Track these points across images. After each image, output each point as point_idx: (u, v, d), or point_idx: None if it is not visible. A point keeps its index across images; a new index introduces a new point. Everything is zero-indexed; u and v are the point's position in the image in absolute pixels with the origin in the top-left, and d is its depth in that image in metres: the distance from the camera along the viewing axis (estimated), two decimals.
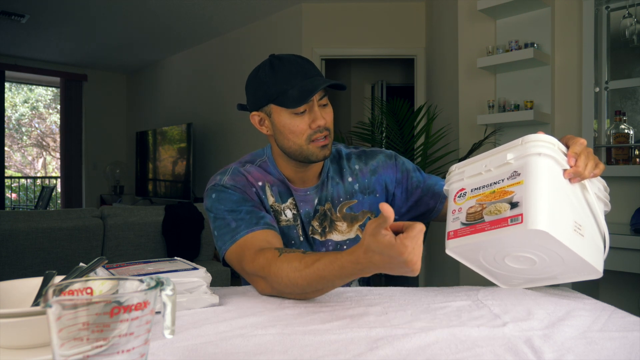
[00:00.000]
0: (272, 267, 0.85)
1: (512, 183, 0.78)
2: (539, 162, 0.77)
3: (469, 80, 3.08)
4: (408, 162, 1.21)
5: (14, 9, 4.33)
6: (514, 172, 0.78)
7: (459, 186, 0.88)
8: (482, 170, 0.84)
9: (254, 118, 1.09)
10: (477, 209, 0.82)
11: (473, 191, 0.85)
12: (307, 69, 1.02)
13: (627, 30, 2.47)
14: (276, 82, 1.01)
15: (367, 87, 5.24)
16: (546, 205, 0.73)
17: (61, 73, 6.44)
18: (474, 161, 0.88)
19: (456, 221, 0.85)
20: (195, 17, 4.59)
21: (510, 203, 0.76)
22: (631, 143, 2.43)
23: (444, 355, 0.58)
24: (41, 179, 8.86)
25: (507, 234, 0.75)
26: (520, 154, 0.79)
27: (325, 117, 1.04)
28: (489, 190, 0.82)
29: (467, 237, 0.81)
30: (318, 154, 1.05)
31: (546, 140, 0.78)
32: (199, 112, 5.59)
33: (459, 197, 0.87)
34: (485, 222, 0.79)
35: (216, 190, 1.05)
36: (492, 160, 0.83)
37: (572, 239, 0.75)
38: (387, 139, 3.27)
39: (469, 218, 0.83)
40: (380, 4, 3.99)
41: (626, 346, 0.62)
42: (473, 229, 0.81)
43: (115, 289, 0.48)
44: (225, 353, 0.59)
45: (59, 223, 2.41)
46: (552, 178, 0.77)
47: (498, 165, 0.81)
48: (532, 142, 0.78)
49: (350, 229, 1.14)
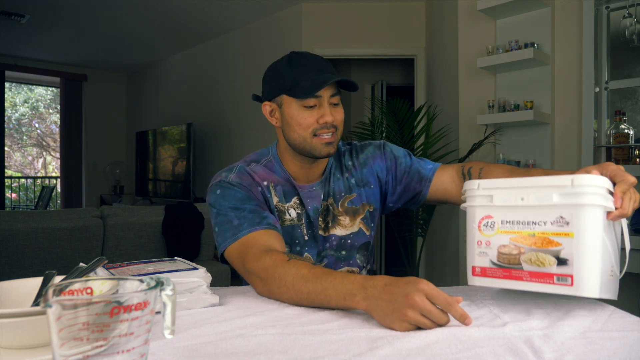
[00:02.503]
0: (278, 270, 0.84)
1: (559, 232, 0.70)
2: (593, 215, 0.69)
3: (469, 80, 3.08)
4: (397, 148, 1.21)
5: (14, 9, 4.33)
6: (560, 217, 0.70)
7: (485, 212, 0.78)
8: (517, 202, 0.74)
9: (265, 108, 1.11)
10: (513, 252, 0.74)
11: (504, 224, 0.76)
12: (322, 66, 1.04)
13: (627, 30, 2.47)
14: (290, 74, 1.04)
15: (367, 87, 5.24)
16: (599, 269, 0.68)
17: (61, 73, 6.44)
18: (503, 186, 0.77)
19: (483, 257, 0.77)
20: (196, 17, 4.59)
21: (557, 258, 0.70)
22: (631, 143, 2.43)
23: (444, 355, 0.58)
24: (41, 179, 8.86)
25: (550, 290, 0.70)
26: (571, 201, 0.70)
27: (334, 115, 1.05)
28: (526, 231, 0.73)
29: (498, 281, 0.75)
30: (322, 149, 1.05)
31: (600, 185, 0.70)
32: (199, 112, 5.59)
33: (485, 227, 0.78)
34: (524, 271, 0.72)
35: (221, 187, 1.05)
36: (530, 193, 0.73)
37: (608, 288, 0.72)
38: (387, 139, 3.26)
39: (501, 259, 0.75)
40: (380, 4, 3.99)
41: (626, 346, 0.61)
42: (507, 274, 0.74)
43: (115, 289, 0.48)
44: (225, 353, 0.59)
45: (59, 223, 2.40)
46: (601, 230, 0.70)
47: (539, 204, 0.72)
48: (586, 187, 0.69)
49: (353, 223, 1.15)
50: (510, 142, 2.88)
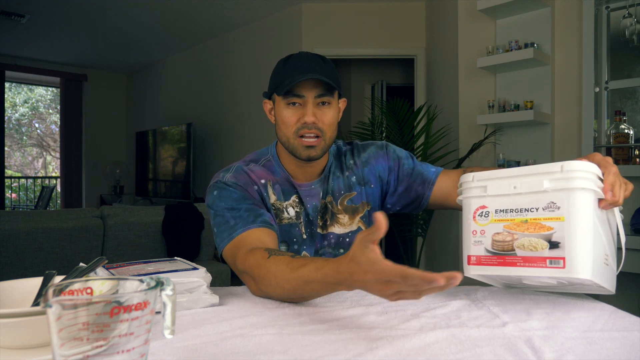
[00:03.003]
0: (261, 269, 0.85)
1: (550, 217, 0.71)
2: (583, 199, 0.70)
3: (469, 80, 3.08)
4: (400, 150, 1.21)
5: (14, 9, 4.33)
6: (551, 202, 0.72)
7: (480, 203, 0.80)
8: (510, 190, 0.76)
9: (265, 105, 1.15)
10: (506, 239, 0.75)
11: (498, 213, 0.77)
12: (311, 66, 1.03)
13: (627, 30, 2.47)
14: (280, 73, 1.05)
15: (367, 87, 5.24)
16: (590, 251, 0.69)
17: (61, 73, 6.44)
18: (496, 176, 0.79)
19: (478, 245, 0.78)
20: (195, 17, 4.59)
21: (549, 241, 0.71)
22: (631, 143, 2.43)
23: (444, 355, 0.58)
24: (41, 179, 8.86)
25: (543, 273, 0.71)
26: (561, 185, 0.71)
27: (318, 116, 1.04)
28: (519, 218, 0.75)
29: (493, 268, 0.76)
30: (302, 152, 1.06)
31: (589, 170, 0.71)
32: (199, 112, 5.59)
33: (480, 217, 0.79)
34: (518, 256, 0.73)
35: (218, 188, 1.06)
36: (522, 182, 0.75)
37: (602, 274, 0.73)
38: (387, 139, 3.26)
39: (496, 246, 0.76)
40: (380, 4, 3.99)
41: (626, 346, 0.61)
42: (502, 261, 0.75)
43: (115, 289, 0.48)
44: (225, 353, 0.59)
45: (59, 223, 2.40)
46: (592, 214, 0.71)
47: (531, 191, 0.74)
48: (575, 172, 0.71)
49: (352, 221, 1.15)
50: (510, 142, 2.88)
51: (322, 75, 1.02)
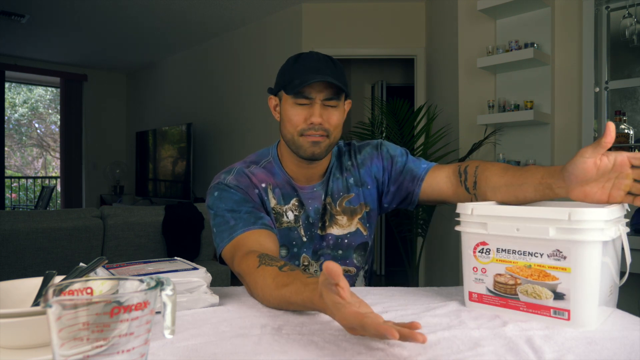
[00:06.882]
0: (250, 277, 0.85)
1: (556, 266, 0.69)
2: (591, 253, 0.67)
3: (469, 80, 3.08)
4: (395, 147, 1.20)
5: (14, 9, 4.33)
6: (557, 250, 0.69)
7: (480, 238, 0.78)
8: (512, 232, 0.73)
9: (270, 102, 1.14)
10: (509, 282, 0.74)
11: (500, 252, 0.75)
12: (320, 67, 1.03)
13: (627, 30, 2.47)
14: (290, 71, 1.05)
15: (367, 87, 5.24)
16: (596, 303, 0.68)
17: (61, 73, 6.44)
18: (497, 214, 0.76)
19: (480, 284, 0.78)
20: (195, 17, 4.59)
21: (553, 292, 0.70)
22: (631, 143, 2.43)
23: (445, 355, 0.58)
24: (41, 179, 8.86)
25: (547, 323, 0.70)
26: (568, 237, 0.68)
27: (325, 117, 1.04)
28: (522, 262, 0.73)
29: (495, 308, 0.76)
30: (307, 148, 1.05)
31: (598, 219, 0.67)
32: (199, 112, 5.59)
33: (480, 254, 0.78)
34: (521, 301, 0.73)
35: (219, 189, 1.06)
36: (526, 226, 0.72)
37: (606, 308, 0.72)
38: (387, 139, 3.26)
39: (498, 288, 0.75)
40: (380, 4, 3.99)
41: (626, 346, 0.61)
42: (504, 303, 0.75)
43: (115, 289, 0.48)
44: (225, 353, 0.59)
45: (59, 223, 2.40)
46: (599, 264, 0.68)
47: (534, 237, 0.71)
48: (584, 222, 0.67)
49: (350, 222, 1.15)
50: (510, 142, 2.88)
51: (332, 77, 1.01)
